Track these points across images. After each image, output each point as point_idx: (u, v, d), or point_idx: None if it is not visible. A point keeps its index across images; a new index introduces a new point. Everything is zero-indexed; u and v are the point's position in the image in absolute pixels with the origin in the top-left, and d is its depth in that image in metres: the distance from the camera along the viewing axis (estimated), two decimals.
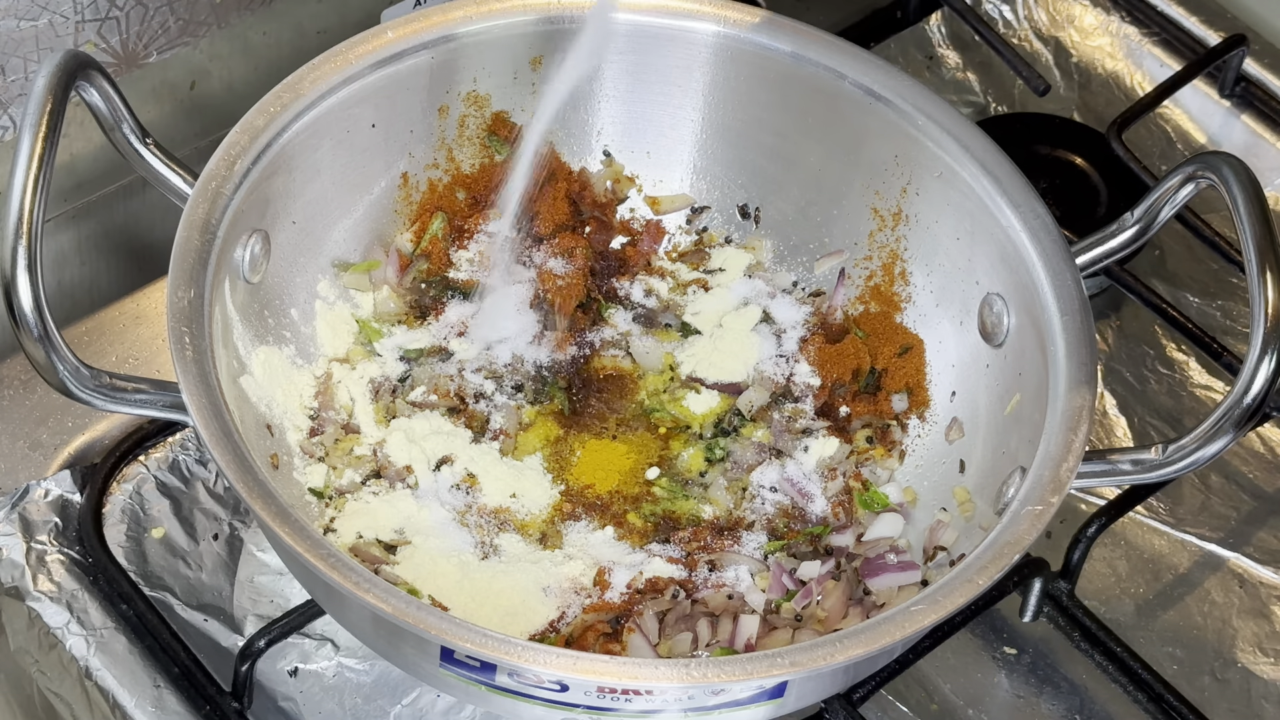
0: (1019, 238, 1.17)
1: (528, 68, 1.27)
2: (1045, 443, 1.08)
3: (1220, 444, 1.04)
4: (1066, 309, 1.13)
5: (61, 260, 1.38)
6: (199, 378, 1.05)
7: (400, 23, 1.21)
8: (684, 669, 0.98)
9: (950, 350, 1.24)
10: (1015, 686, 1.23)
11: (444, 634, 0.98)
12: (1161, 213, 1.16)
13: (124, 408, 1.05)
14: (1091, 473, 1.08)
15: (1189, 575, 1.29)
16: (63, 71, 1.06)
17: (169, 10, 1.30)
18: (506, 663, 0.98)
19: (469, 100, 1.26)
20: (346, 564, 0.99)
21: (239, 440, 1.04)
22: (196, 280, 1.09)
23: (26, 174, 1.02)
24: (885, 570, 1.15)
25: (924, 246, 1.26)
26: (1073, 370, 1.11)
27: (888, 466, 1.23)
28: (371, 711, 1.17)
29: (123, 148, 1.14)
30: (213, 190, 1.12)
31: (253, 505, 1.01)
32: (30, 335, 1.01)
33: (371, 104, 1.22)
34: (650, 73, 1.28)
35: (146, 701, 1.14)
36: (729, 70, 1.27)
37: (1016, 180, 1.19)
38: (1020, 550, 1.03)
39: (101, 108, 1.12)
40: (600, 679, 0.99)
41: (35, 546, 1.20)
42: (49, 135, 1.03)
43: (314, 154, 1.20)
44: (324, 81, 1.18)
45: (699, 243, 1.33)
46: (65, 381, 1.03)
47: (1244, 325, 1.42)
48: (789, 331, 1.29)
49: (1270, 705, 1.22)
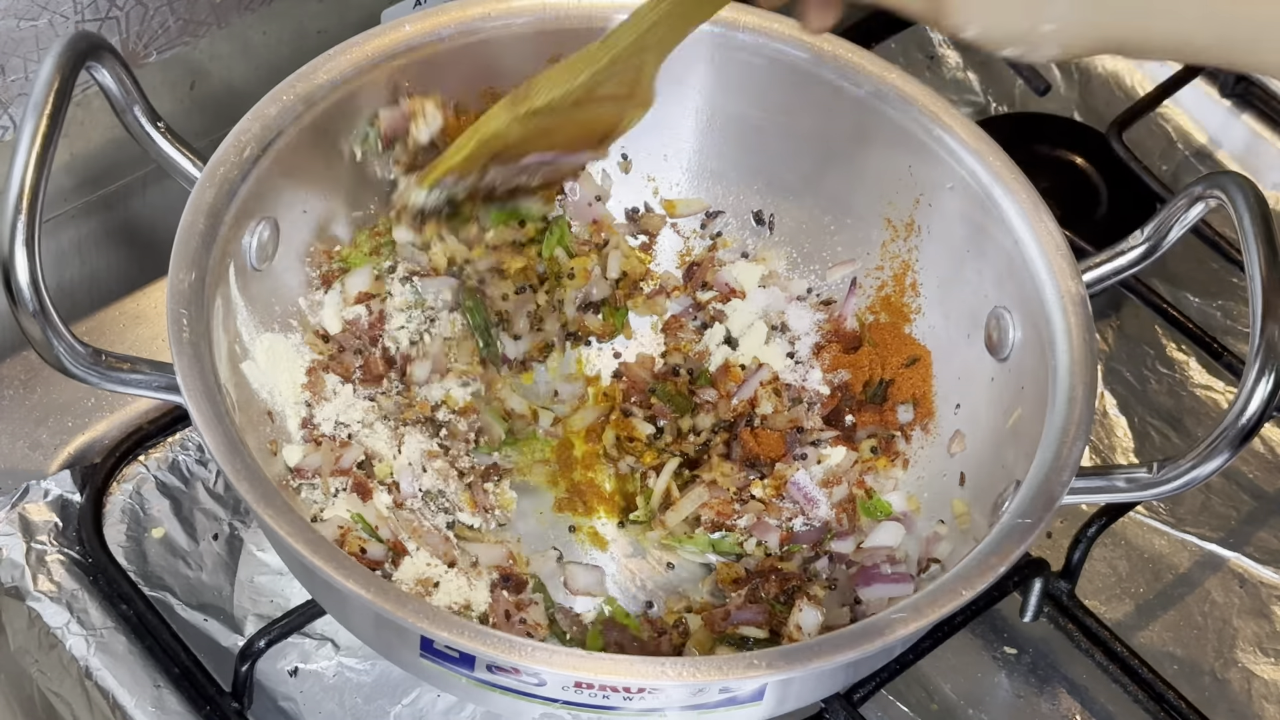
0: (1029, 253, 1.16)
1: (544, 66, 1.26)
2: (1041, 456, 1.08)
3: (1215, 464, 1.04)
4: (1071, 326, 1.13)
5: (61, 259, 1.38)
6: (194, 359, 1.04)
7: (419, 17, 1.21)
8: (679, 667, 0.98)
9: (956, 363, 1.24)
10: (1015, 686, 1.23)
11: (422, 623, 0.98)
12: (1171, 232, 1.15)
13: (119, 386, 1.05)
14: (1085, 488, 1.08)
15: (1189, 575, 1.29)
16: (72, 51, 1.05)
17: (169, 10, 1.30)
18: (485, 655, 0.98)
19: (484, 97, 1.26)
20: (339, 557, 0.99)
21: (230, 423, 1.03)
22: (199, 263, 1.08)
23: (30, 150, 1.01)
24: (878, 580, 1.15)
25: (935, 258, 1.25)
26: (1072, 387, 1.10)
27: (891, 476, 1.23)
28: (371, 711, 1.17)
29: (134, 130, 1.14)
30: (220, 176, 1.12)
31: (238, 486, 1.00)
32: (26, 311, 1.00)
33: (385, 97, 1.21)
34: (661, 74, 1.28)
35: (146, 701, 1.14)
36: (728, 70, 1.26)
37: (1028, 194, 1.18)
38: (1007, 563, 1.03)
39: (113, 89, 1.11)
40: (607, 678, 0.99)
41: (35, 546, 1.20)
42: (54, 114, 1.02)
43: (325, 144, 1.19)
44: (338, 73, 1.18)
45: (712, 248, 1.32)
46: (61, 358, 1.02)
47: (1244, 325, 1.42)
48: (803, 339, 1.29)
49: (1270, 705, 1.22)
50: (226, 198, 1.12)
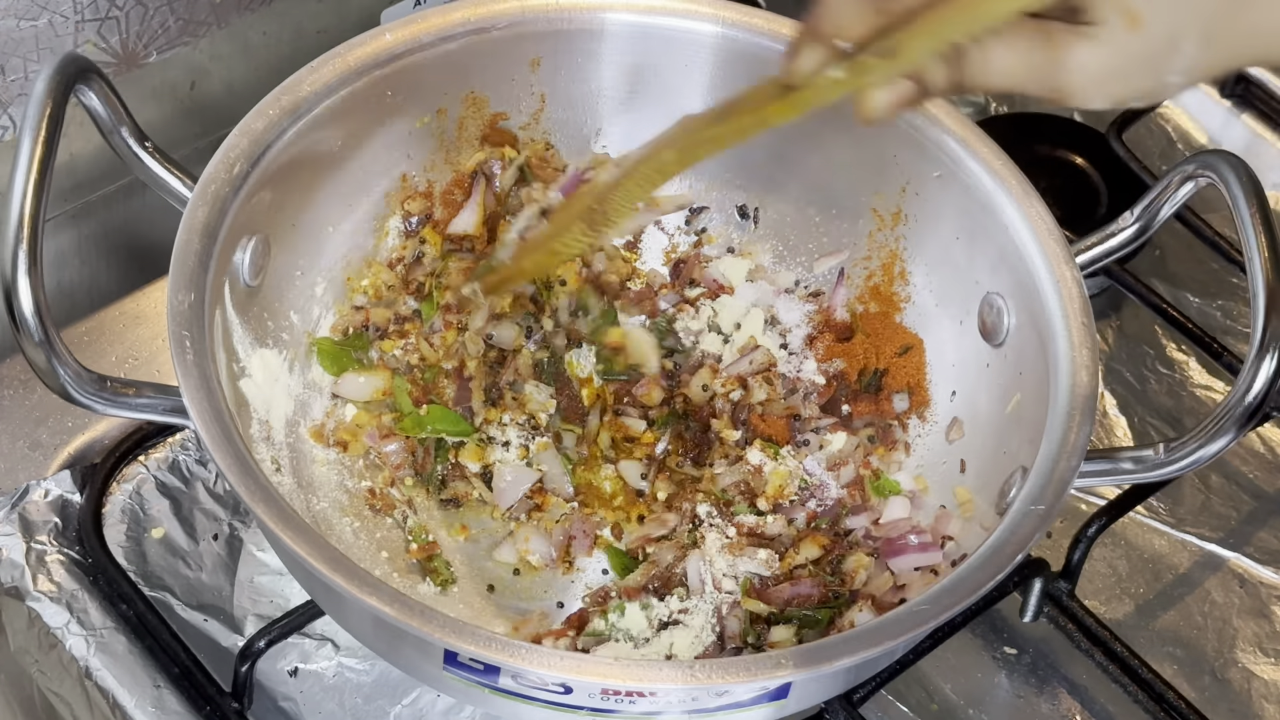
0: (1020, 237, 1.17)
1: (526, 69, 1.27)
2: (1047, 442, 1.08)
3: (1221, 443, 1.04)
4: (1067, 308, 1.13)
5: (61, 260, 1.38)
6: (200, 381, 1.04)
7: (399, 25, 1.21)
8: (688, 670, 0.98)
9: (950, 350, 1.24)
10: (1015, 686, 1.23)
11: (448, 637, 0.98)
12: (1161, 211, 1.16)
13: (125, 412, 1.05)
14: (1093, 472, 1.08)
15: (1189, 575, 1.29)
16: (61, 75, 1.06)
17: (169, 10, 1.30)
18: (510, 665, 0.98)
19: (467, 102, 1.26)
20: (348, 567, 0.99)
21: (240, 443, 1.04)
22: (197, 284, 1.08)
23: (27, 178, 1.01)
24: (907, 550, 1.15)
25: (924, 246, 1.25)
26: (1074, 369, 1.11)
27: (894, 460, 1.23)
28: (371, 711, 1.17)
29: (121, 151, 1.14)
30: (211, 194, 1.12)
31: (255, 509, 1.01)
32: (31, 340, 1.01)
33: (370, 106, 1.22)
34: (650, 73, 1.28)
35: (146, 701, 1.14)
36: (728, 70, 1.27)
37: (1016, 179, 1.19)
38: (1024, 549, 1.03)
39: (100, 111, 1.11)
40: (604, 681, 0.99)
41: (35, 546, 1.20)
42: (49, 139, 1.03)
43: (313, 156, 1.20)
44: (323, 84, 1.18)
45: (698, 244, 1.33)
46: (66, 386, 1.02)
47: (1244, 325, 1.42)
48: (794, 330, 1.29)
49: (1270, 705, 1.22)
50: (219, 216, 1.11)
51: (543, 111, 1.29)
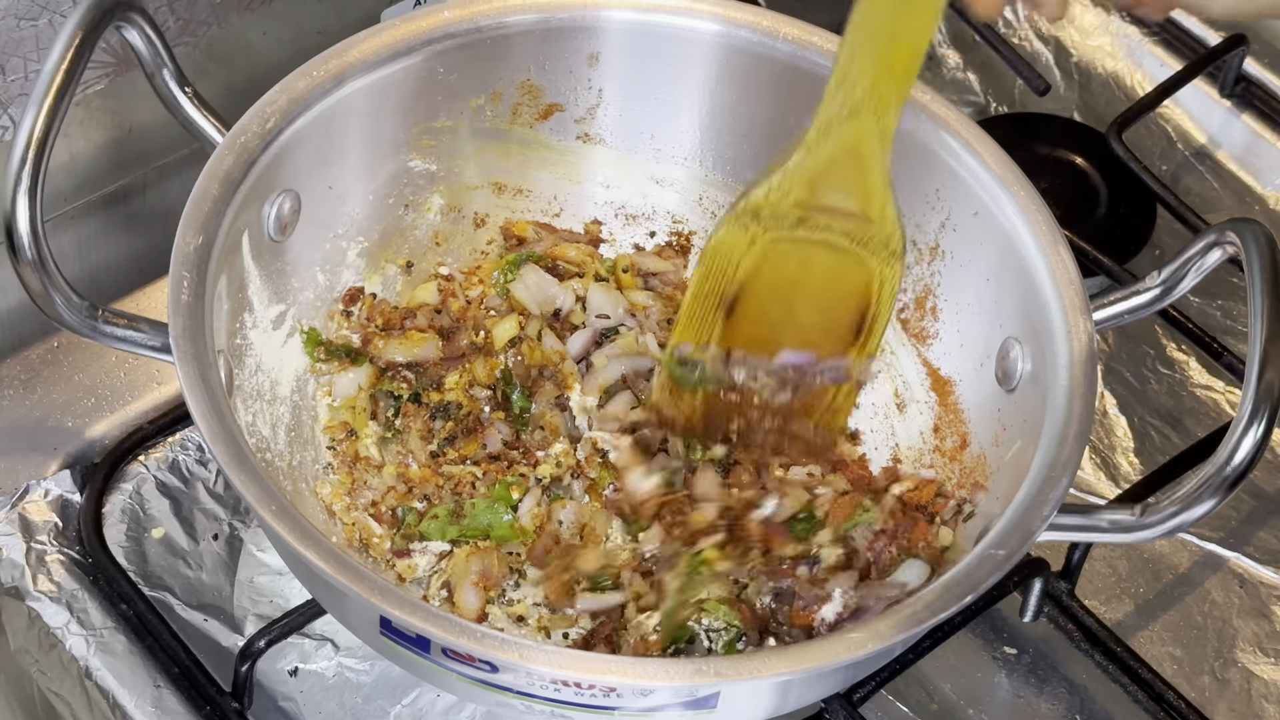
0: (1043, 285, 1.14)
1: (584, 64, 1.26)
2: (1025, 490, 1.06)
3: (1201, 510, 1.01)
4: (1074, 359, 1.10)
5: (61, 259, 1.36)
6: (190, 320, 1.04)
7: (458, 3, 1.21)
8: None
9: (969, 392, 1.22)
10: (1015, 686, 1.23)
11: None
12: (1186, 278, 1.13)
13: (114, 342, 1.05)
14: (1065, 525, 1.05)
15: (1189, 575, 1.29)
16: (98, 8, 1.05)
17: (169, 10, 1.30)
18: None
19: (523, 89, 1.26)
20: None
21: (218, 386, 1.03)
22: (208, 228, 1.08)
23: (41, 100, 1.01)
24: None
25: (956, 284, 1.23)
26: (1066, 421, 1.08)
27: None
28: (371, 711, 1.17)
29: (162, 93, 1.14)
30: (240, 145, 1.12)
31: (213, 448, 1.00)
32: (25, 260, 1.00)
33: (418, 80, 1.21)
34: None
35: (146, 701, 1.14)
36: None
37: (1048, 225, 1.16)
38: (972, 593, 1.01)
39: (143, 50, 1.11)
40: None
41: (35, 546, 1.20)
42: (70, 68, 1.02)
43: (352, 122, 1.19)
44: (372, 53, 1.18)
45: None
46: (59, 310, 1.02)
47: (1244, 325, 1.42)
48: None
49: (1270, 705, 1.22)
50: (244, 167, 1.11)
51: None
